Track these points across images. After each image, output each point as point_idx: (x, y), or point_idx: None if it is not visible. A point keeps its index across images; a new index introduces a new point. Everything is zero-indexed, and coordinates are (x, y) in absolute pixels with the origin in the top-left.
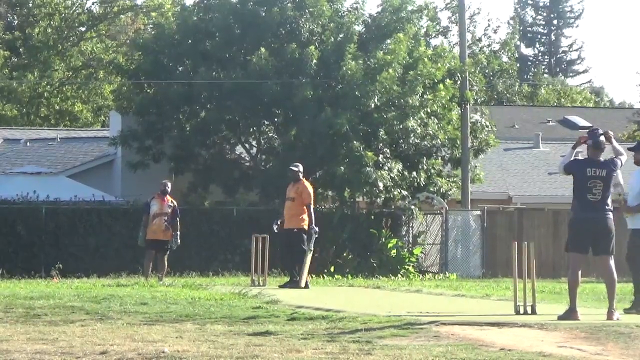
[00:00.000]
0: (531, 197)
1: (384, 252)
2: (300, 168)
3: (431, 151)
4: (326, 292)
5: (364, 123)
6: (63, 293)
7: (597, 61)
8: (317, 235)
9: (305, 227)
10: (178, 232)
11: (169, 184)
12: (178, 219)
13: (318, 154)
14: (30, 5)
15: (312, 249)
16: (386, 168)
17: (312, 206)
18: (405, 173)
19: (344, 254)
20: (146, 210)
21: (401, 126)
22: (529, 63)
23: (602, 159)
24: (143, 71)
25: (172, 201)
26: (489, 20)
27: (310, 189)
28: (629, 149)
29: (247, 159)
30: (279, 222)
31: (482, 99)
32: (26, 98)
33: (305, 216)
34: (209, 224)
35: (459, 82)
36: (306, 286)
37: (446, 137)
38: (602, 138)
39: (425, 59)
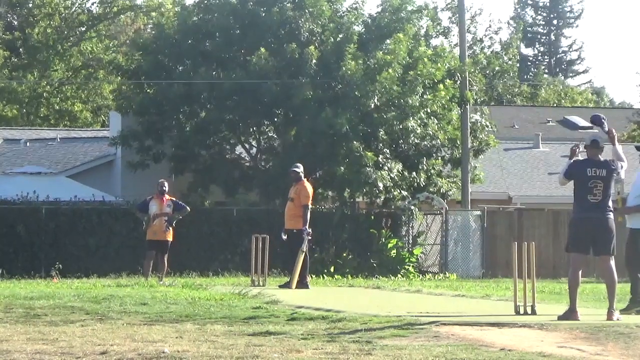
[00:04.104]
0: (531, 197)
1: (384, 252)
2: (301, 169)
3: (431, 151)
4: (326, 292)
5: (364, 123)
6: (63, 293)
7: (597, 61)
8: (310, 237)
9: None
10: (180, 217)
11: (166, 183)
12: (184, 208)
13: (318, 154)
14: (30, 5)
15: (305, 250)
16: (386, 168)
17: (308, 208)
18: (405, 173)
19: (344, 254)
20: (140, 208)
21: (401, 126)
22: (529, 63)
23: (601, 158)
24: (143, 71)
25: (171, 200)
26: (490, 21)
27: (310, 190)
28: (636, 148)
29: (247, 159)
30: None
31: (482, 99)
32: (26, 98)
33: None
34: (209, 224)
35: (458, 82)
36: (306, 286)
37: (446, 137)
38: (601, 135)
39: (425, 59)
